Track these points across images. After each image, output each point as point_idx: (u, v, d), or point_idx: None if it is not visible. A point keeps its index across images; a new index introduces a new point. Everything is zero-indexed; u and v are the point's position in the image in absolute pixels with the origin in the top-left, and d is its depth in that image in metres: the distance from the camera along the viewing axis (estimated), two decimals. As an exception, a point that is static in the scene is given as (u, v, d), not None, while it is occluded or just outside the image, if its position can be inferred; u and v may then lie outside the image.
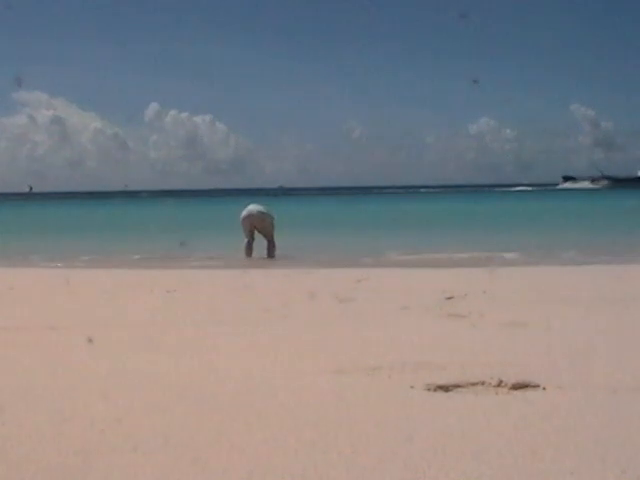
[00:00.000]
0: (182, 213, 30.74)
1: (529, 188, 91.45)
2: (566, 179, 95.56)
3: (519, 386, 3.48)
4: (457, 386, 3.51)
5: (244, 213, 13.02)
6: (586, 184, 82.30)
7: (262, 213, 12.99)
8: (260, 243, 13.16)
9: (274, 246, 13.01)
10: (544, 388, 3.46)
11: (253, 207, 13.06)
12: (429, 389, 3.47)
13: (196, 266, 13.04)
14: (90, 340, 4.78)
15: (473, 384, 3.53)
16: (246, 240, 12.96)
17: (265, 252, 13.06)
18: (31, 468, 2.57)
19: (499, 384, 3.51)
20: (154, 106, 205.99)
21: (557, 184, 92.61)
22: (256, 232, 12.97)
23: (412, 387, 3.50)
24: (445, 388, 3.48)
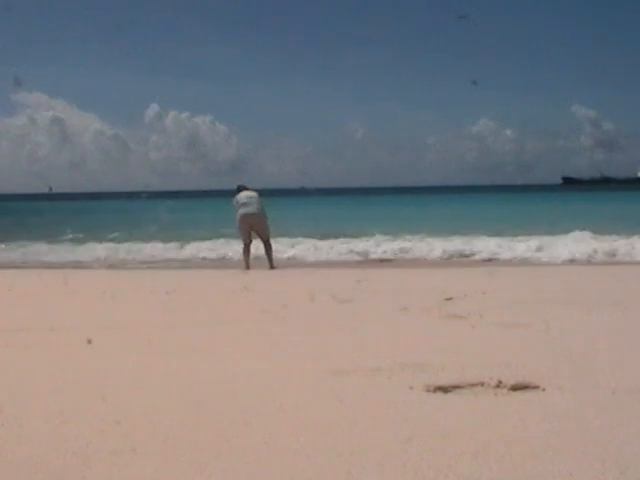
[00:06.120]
0: (182, 214, 30.70)
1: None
2: (566, 180, 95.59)
3: (518, 387, 3.48)
4: (456, 387, 3.50)
5: (241, 212, 11.71)
6: None
7: (260, 212, 11.78)
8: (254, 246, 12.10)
9: (271, 247, 11.90)
10: (544, 389, 3.46)
11: (250, 207, 11.72)
12: (428, 390, 3.47)
13: (195, 267, 13.05)
14: (89, 341, 4.78)
15: (472, 385, 3.53)
16: (244, 244, 11.79)
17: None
18: (30, 469, 2.56)
19: (498, 385, 3.51)
20: (154, 107, 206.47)
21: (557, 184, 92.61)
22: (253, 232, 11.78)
23: (411, 388, 3.50)
24: (444, 389, 3.48)
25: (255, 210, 11.74)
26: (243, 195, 11.89)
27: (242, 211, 11.73)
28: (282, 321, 5.80)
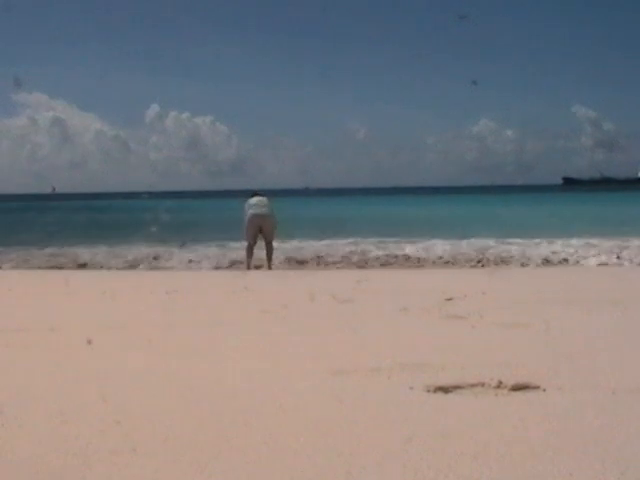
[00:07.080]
0: (182, 214, 30.71)
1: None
2: (566, 180, 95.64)
3: (519, 387, 3.48)
4: (457, 387, 3.50)
5: (251, 212, 11.79)
6: None
7: (270, 215, 11.89)
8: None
9: (272, 249, 11.93)
10: (544, 389, 3.46)
11: (261, 209, 11.85)
12: (429, 390, 3.47)
13: (196, 267, 13.04)
14: (89, 341, 4.77)
15: (473, 385, 3.53)
16: (247, 244, 11.79)
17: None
18: (30, 469, 2.56)
19: (499, 385, 3.51)
20: (154, 107, 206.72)
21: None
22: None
23: (411, 388, 3.50)
24: (445, 389, 3.48)
25: (265, 212, 11.91)
26: (255, 199, 12.15)
27: (252, 212, 11.86)
28: (282, 321, 5.80)
